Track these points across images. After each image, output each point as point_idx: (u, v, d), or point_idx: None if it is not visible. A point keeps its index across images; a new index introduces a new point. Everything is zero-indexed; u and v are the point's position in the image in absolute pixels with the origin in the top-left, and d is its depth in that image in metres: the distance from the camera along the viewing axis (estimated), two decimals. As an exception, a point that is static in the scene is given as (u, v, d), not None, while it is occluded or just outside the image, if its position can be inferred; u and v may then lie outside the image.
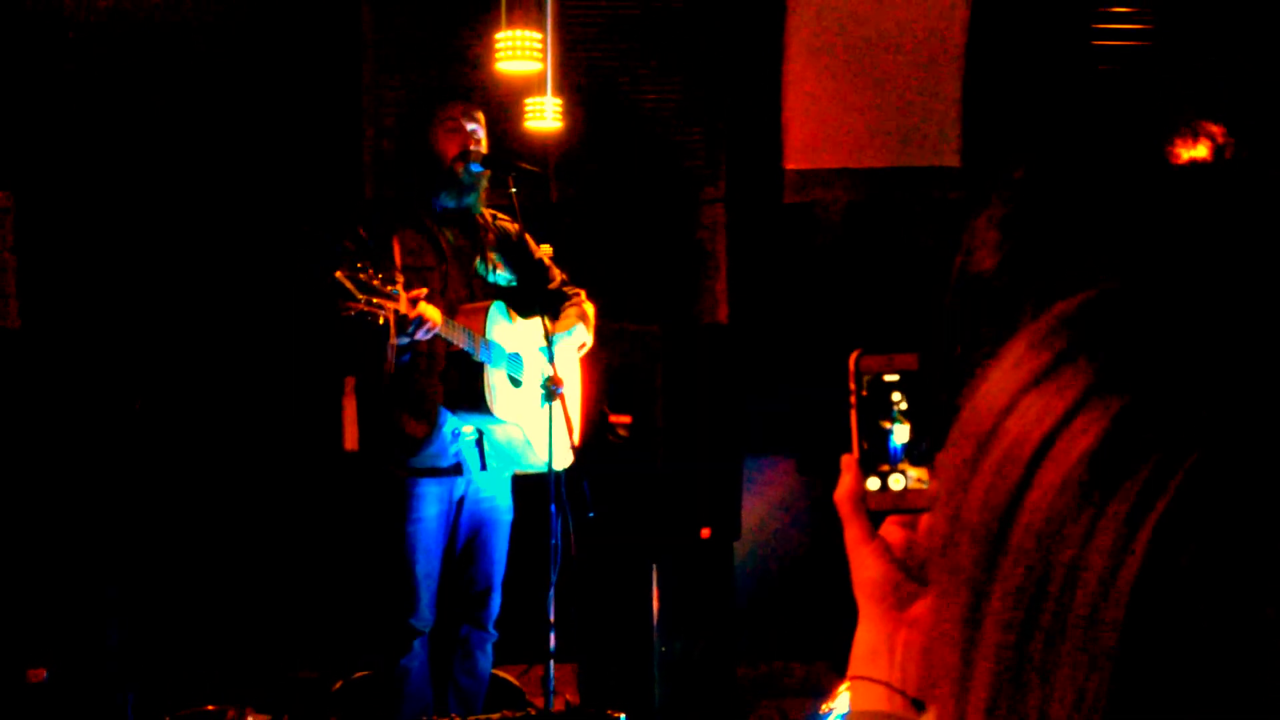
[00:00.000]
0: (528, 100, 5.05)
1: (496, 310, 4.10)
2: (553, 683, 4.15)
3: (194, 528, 5.55)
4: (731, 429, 5.15)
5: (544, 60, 4.68)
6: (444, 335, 3.90)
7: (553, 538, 4.07)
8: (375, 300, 3.68)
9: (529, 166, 4.27)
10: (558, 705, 4.35)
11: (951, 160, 5.73)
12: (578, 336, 4.27)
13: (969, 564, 0.62)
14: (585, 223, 5.70)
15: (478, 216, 4.22)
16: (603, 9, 5.82)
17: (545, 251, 4.38)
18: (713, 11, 5.79)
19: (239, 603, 5.54)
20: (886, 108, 5.54)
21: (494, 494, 4.23)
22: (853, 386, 1.00)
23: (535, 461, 4.16)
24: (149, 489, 5.46)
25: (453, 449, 4.10)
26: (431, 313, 3.83)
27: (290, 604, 5.56)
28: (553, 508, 4.06)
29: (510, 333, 4.14)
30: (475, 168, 4.11)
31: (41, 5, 5.50)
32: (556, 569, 4.08)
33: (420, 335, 3.84)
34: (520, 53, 4.56)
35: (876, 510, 1.00)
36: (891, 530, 1.00)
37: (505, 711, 4.31)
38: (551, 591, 4.08)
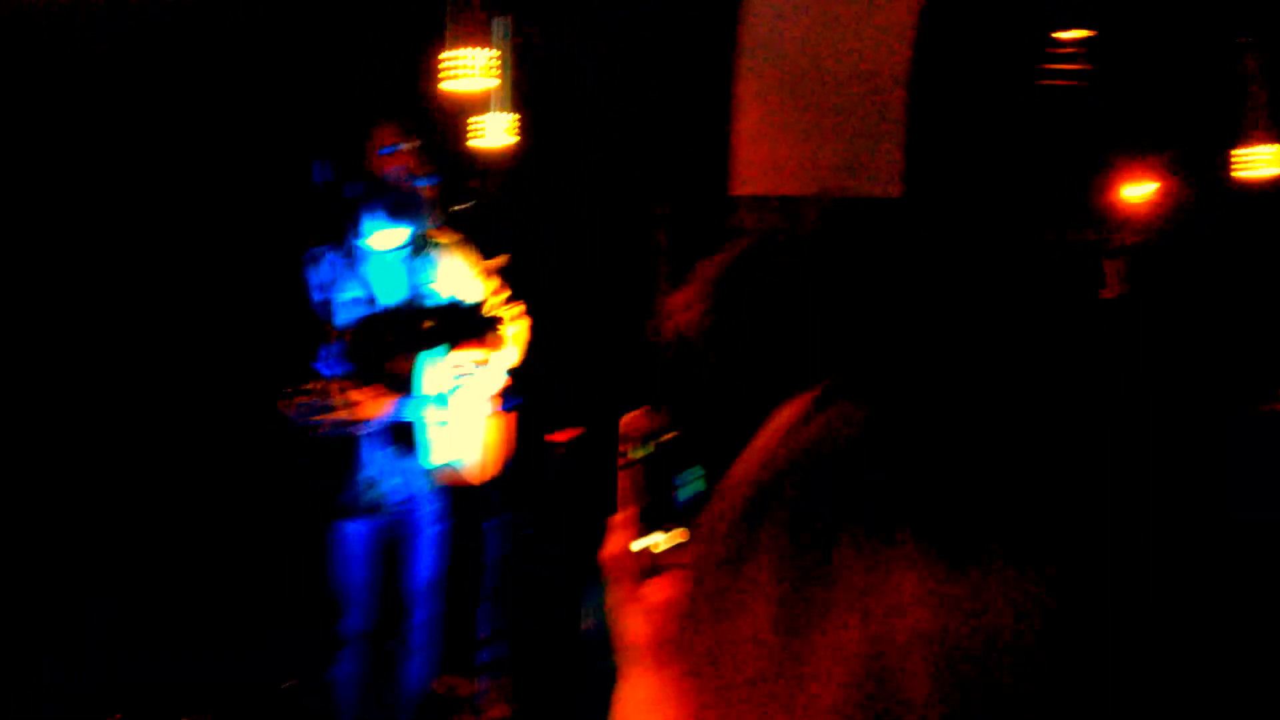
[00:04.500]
0: (473, 119, 5.08)
1: (423, 360, 4.08)
2: (485, 696, 4.16)
3: (113, 541, 5.45)
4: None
5: (495, 78, 4.71)
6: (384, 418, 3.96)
7: (487, 552, 4.09)
8: (316, 419, 3.86)
9: (475, 183, 4.29)
10: (491, 717, 4.37)
11: (894, 190, 5.80)
12: (503, 357, 4.25)
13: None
14: (532, 241, 5.73)
15: (422, 236, 4.18)
16: (556, 27, 5.86)
17: (494, 265, 4.35)
18: (667, 37, 5.85)
19: (162, 610, 5.47)
20: (828, 136, 5.62)
21: (417, 499, 4.15)
22: (623, 448, 1.02)
23: (465, 474, 4.16)
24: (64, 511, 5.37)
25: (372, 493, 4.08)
26: (371, 411, 3.92)
27: (213, 612, 5.48)
28: (486, 523, 4.08)
29: (438, 371, 4.11)
30: (422, 183, 4.09)
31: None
32: (490, 582, 4.10)
33: (364, 432, 3.92)
34: (468, 71, 4.58)
35: (641, 570, 1.03)
36: (653, 590, 1.03)
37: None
38: (484, 605, 4.09)
